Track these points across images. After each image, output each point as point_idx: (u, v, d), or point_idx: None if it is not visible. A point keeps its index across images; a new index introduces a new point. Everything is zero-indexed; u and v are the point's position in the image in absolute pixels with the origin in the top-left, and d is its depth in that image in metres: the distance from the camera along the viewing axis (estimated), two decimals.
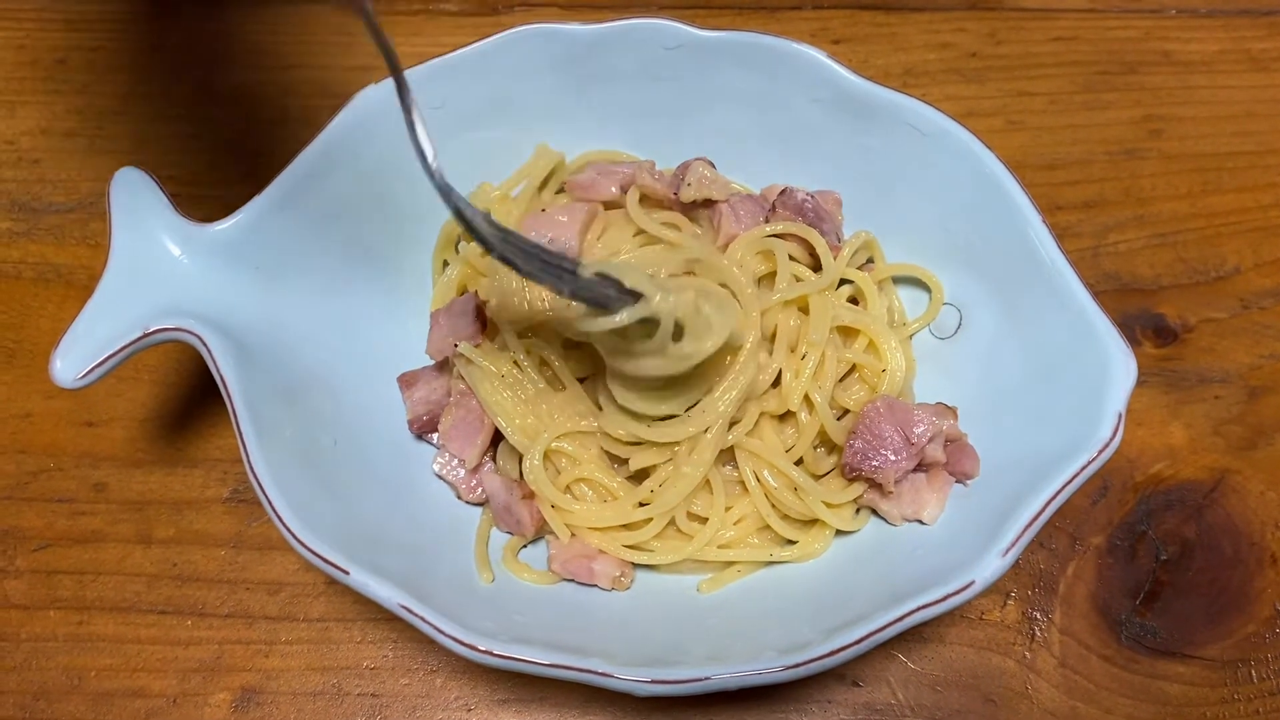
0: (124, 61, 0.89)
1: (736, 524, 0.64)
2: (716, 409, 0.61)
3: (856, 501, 0.64)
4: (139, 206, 0.63)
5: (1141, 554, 0.68)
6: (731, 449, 0.63)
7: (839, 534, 0.64)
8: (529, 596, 0.62)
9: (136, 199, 0.63)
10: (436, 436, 0.68)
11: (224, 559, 0.68)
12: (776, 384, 0.64)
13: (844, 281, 0.69)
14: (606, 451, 0.64)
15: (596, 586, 0.63)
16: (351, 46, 0.90)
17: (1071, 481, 0.55)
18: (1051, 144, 0.86)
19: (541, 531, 0.65)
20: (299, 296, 0.66)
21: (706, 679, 0.52)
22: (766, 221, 0.68)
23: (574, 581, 0.63)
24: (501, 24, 0.72)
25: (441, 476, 0.67)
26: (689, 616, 0.61)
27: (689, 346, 0.57)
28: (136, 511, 0.70)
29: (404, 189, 0.70)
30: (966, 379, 0.66)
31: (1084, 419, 0.57)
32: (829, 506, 0.63)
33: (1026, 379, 0.63)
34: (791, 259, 0.67)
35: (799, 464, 0.64)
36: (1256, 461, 0.72)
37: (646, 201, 0.71)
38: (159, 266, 0.62)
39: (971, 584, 0.52)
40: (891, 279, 0.72)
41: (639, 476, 0.64)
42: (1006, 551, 0.53)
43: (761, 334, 0.64)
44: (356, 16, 0.50)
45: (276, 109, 0.87)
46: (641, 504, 0.63)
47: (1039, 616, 0.66)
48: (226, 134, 0.86)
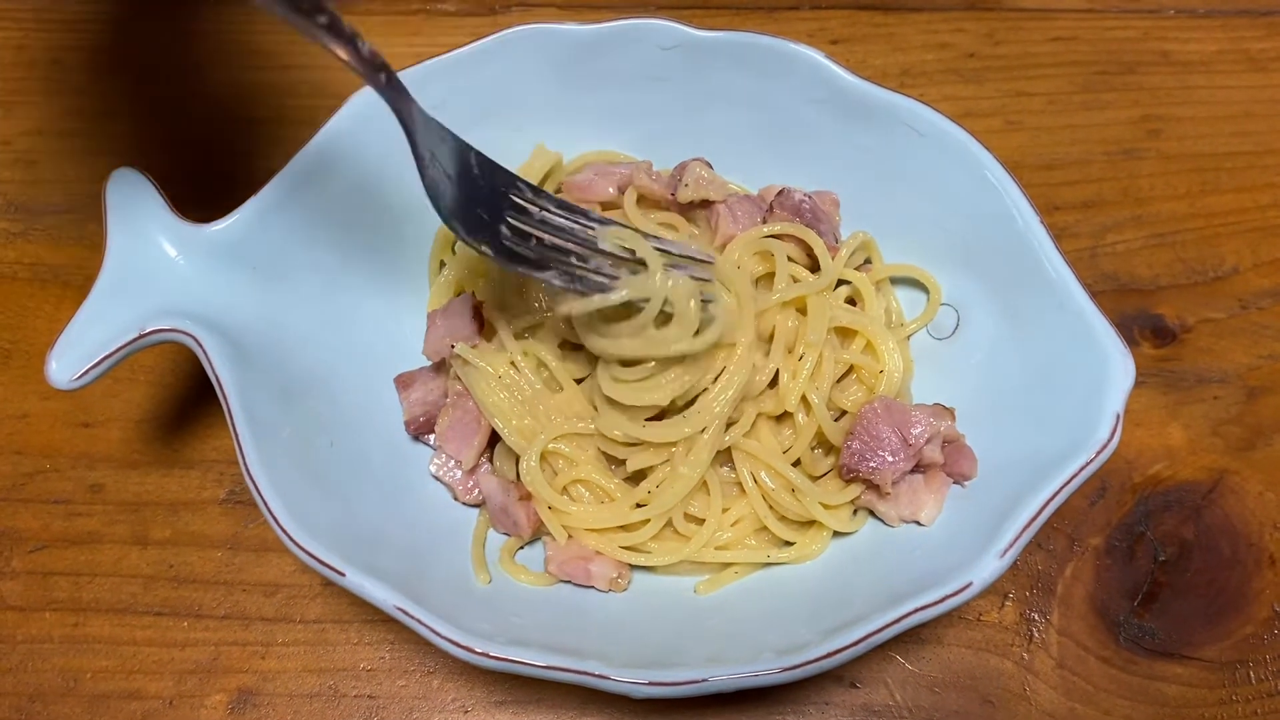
0: (121, 62, 0.89)
1: (734, 525, 0.64)
2: (712, 410, 0.61)
3: (854, 503, 0.64)
4: (135, 207, 0.63)
5: (1140, 555, 0.68)
6: (729, 450, 0.63)
7: (837, 535, 0.64)
8: (526, 598, 0.61)
9: (133, 199, 0.63)
10: (433, 437, 0.67)
11: (220, 560, 0.68)
12: (774, 385, 0.64)
13: (842, 282, 0.69)
14: (604, 453, 0.64)
15: (593, 588, 0.62)
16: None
17: (1069, 483, 0.55)
18: (1050, 144, 0.86)
19: (538, 533, 0.65)
20: (296, 297, 0.66)
21: (704, 681, 0.52)
22: (764, 222, 0.68)
23: (571, 583, 0.63)
24: (499, 24, 0.71)
25: (438, 478, 0.67)
26: (686, 618, 0.61)
27: (673, 333, 0.58)
28: (133, 513, 0.70)
29: (401, 189, 0.70)
30: (964, 380, 0.66)
31: (1082, 420, 0.57)
32: (826, 508, 0.63)
33: (1024, 380, 0.63)
34: (789, 259, 0.67)
35: (796, 465, 0.64)
36: (1255, 462, 0.72)
37: (644, 202, 0.71)
38: (155, 267, 0.62)
39: (969, 585, 0.52)
40: (889, 280, 0.72)
41: (636, 478, 0.64)
42: (1004, 553, 0.53)
43: (758, 334, 0.64)
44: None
45: (274, 109, 0.87)
46: (639, 505, 0.63)
47: (1037, 618, 0.66)
48: (224, 134, 0.86)
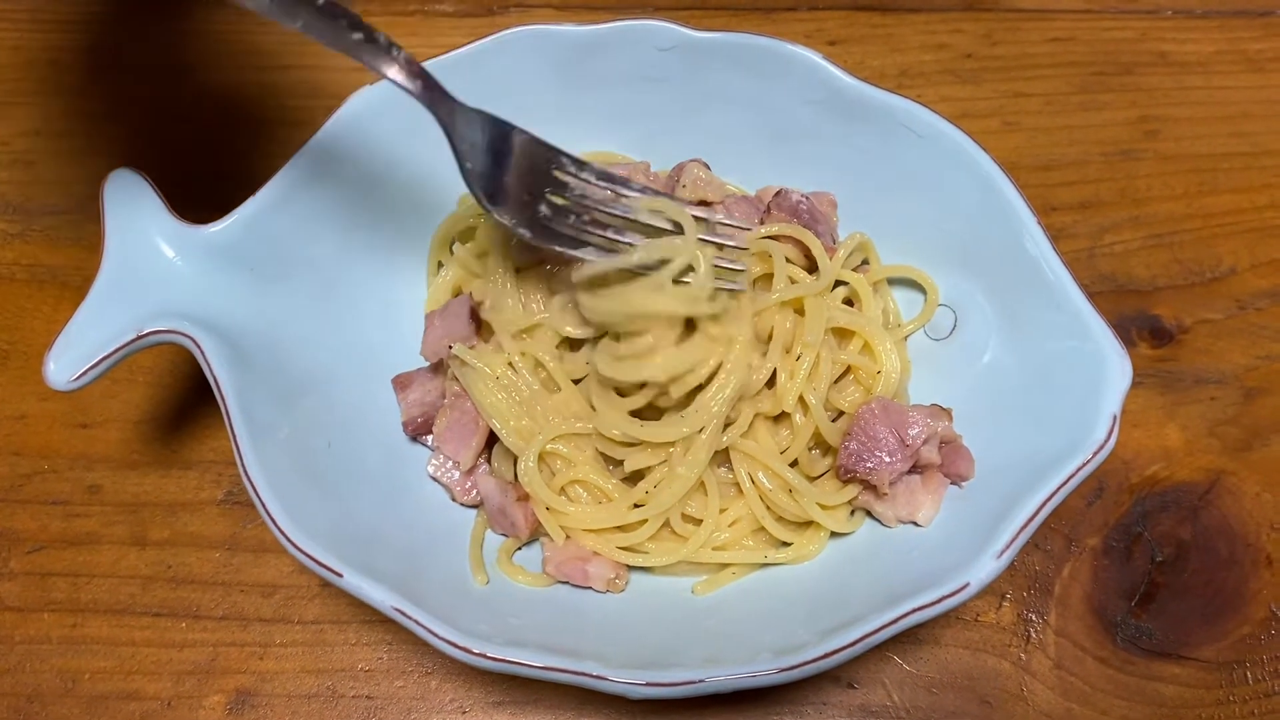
0: (118, 63, 0.89)
1: (731, 526, 0.64)
2: (710, 409, 0.61)
3: (851, 503, 0.64)
4: (133, 208, 0.63)
5: (1137, 555, 0.68)
6: (726, 451, 0.63)
7: (834, 536, 0.64)
8: (523, 599, 0.61)
9: (130, 200, 0.63)
10: (431, 438, 0.67)
11: (219, 561, 0.68)
12: (771, 385, 0.64)
13: (839, 283, 0.69)
14: (602, 453, 0.64)
15: (591, 589, 0.62)
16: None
17: (1066, 483, 0.55)
18: (1047, 145, 0.86)
19: (536, 534, 0.65)
20: (293, 298, 0.66)
21: (701, 681, 0.52)
22: (761, 223, 0.68)
23: (568, 584, 0.63)
24: (497, 25, 0.71)
25: (436, 478, 0.67)
26: (684, 619, 0.61)
27: (687, 290, 0.59)
28: (131, 514, 0.70)
29: (398, 190, 0.71)
30: (961, 381, 0.66)
31: (1079, 421, 0.57)
32: (824, 508, 0.63)
33: (1022, 380, 0.63)
34: (787, 260, 0.67)
35: (794, 466, 0.64)
36: (1252, 463, 0.72)
37: None
38: (153, 268, 0.62)
39: (966, 586, 0.52)
40: (887, 280, 0.72)
41: (634, 478, 0.64)
42: (1001, 553, 0.53)
43: (756, 335, 0.64)
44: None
45: (272, 110, 0.87)
46: (636, 506, 0.63)
47: (1034, 618, 0.66)
48: (221, 135, 0.86)
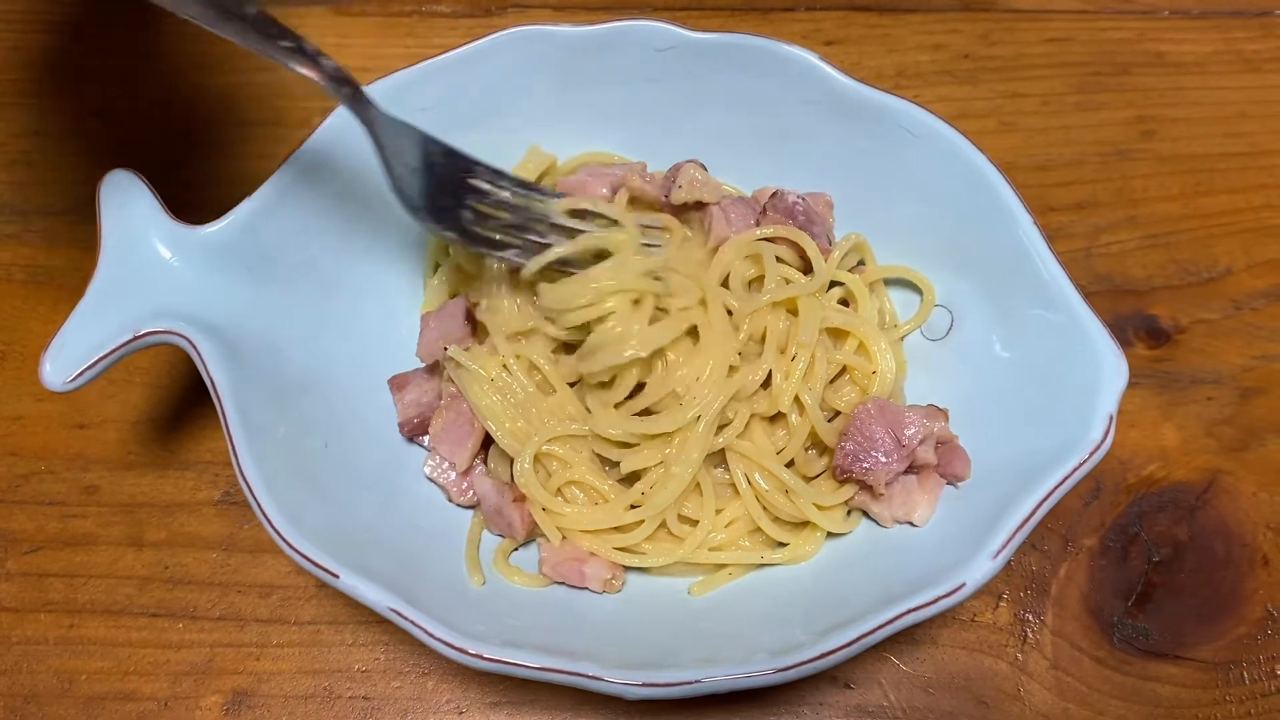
0: (115, 63, 0.88)
1: (727, 526, 0.64)
2: (703, 393, 0.61)
3: (848, 504, 0.64)
4: (129, 209, 0.63)
5: (1134, 555, 0.68)
6: (722, 452, 0.63)
7: (830, 536, 0.64)
8: (520, 599, 0.62)
9: (127, 201, 0.63)
10: (428, 439, 0.67)
11: (215, 562, 0.68)
12: (767, 385, 0.64)
13: (836, 283, 0.69)
14: (598, 454, 0.64)
15: (587, 589, 0.62)
16: (344, 48, 0.90)
17: (1063, 483, 0.55)
18: (1044, 145, 0.86)
19: (533, 534, 0.65)
20: (290, 299, 0.66)
21: (697, 682, 0.52)
22: (758, 224, 0.68)
23: (565, 584, 0.63)
24: (494, 25, 0.71)
25: (432, 479, 0.67)
26: (680, 619, 0.61)
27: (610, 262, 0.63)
28: (128, 514, 0.70)
29: None
30: (958, 381, 0.66)
31: (1075, 421, 0.57)
32: (820, 509, 0.63)
33: (1018, 381, 0.63)
34: (782, 262, 0.67)
35: (790, 466, 0.64)
36: (1248, 463, 0.72)
37: (638, 204, 0.71)
38: (149, 269, 0.62)
39: (962, 586, 0.52)
40: (883, 281, 0.72)
41: (630, 479, 0.64)
42: (997, 554, 0.53)
43: (751, 336, 0.64)
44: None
45: (268, 110, 0.87)
46: (633, 507, 0.63)
47: (1031, 618, 0.66)
48: (218, 136, 0.85)
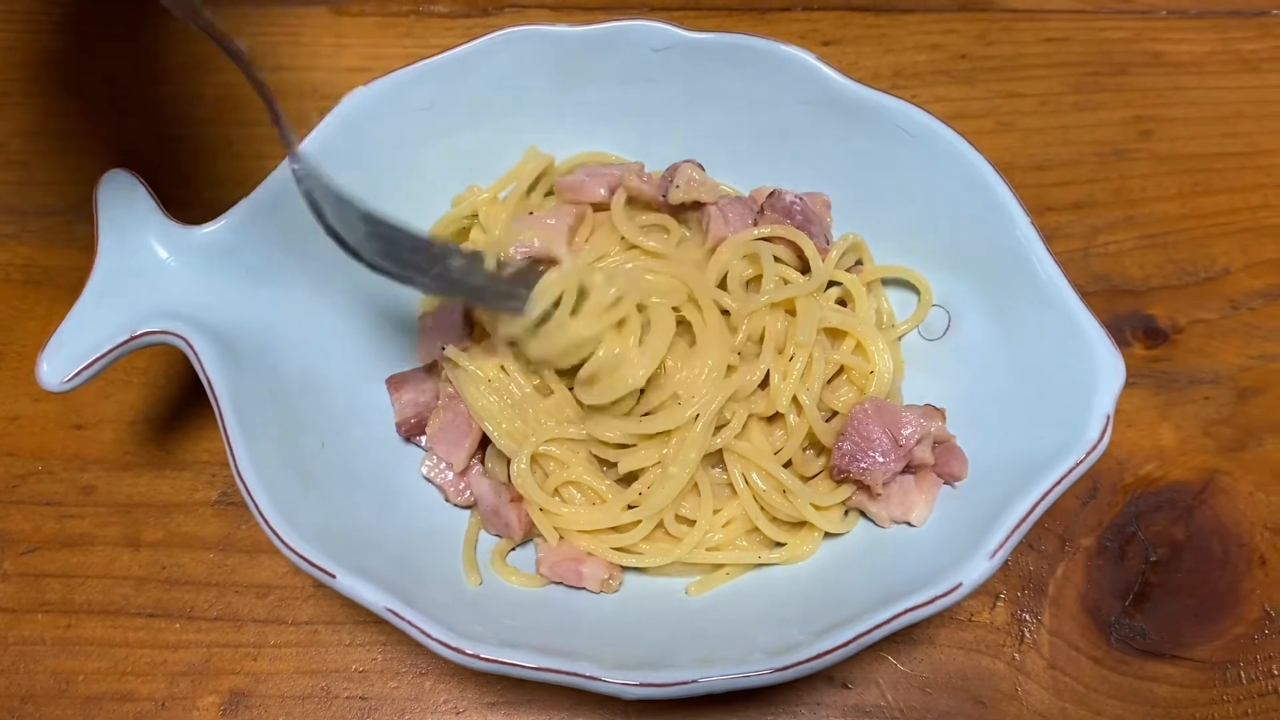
0: (112, 63, 0.88)
1: (725, 526, 0.64)
2: (702, 391, 0.61)
3: (845, 504, 0.64)
4: (126, 209, 0.63)
5: (1131, 555, 0.68)
6: (720, 452, 0.63)
7: (828, 536, 0.64)
8: (517, 600, 0.61)
9: (124, 201, 0.63)
10: (425, 439, 0.67)
11: (212, 562, 0.68)
12: (764, 385, 0.64)
13: (833, 283, 0.69)
14: (595, 455, 0.64)
15: (585, 589, 0.62)
16: (341, 48, 0.90)
17: (1060, 483, 0.55)
18: (1041, 145, 0.86)
19: (530, 534, 0.65)
20: (287, 299, 0.66)
21: (695, 682, 0.52)
22: (755, 224, 0.68)
23: (562, 584, 0.63)
24: (491, 25, 0.71)
25: (430, 479, 0.66)
26: (677, 619, 0.61)
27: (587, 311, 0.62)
28: (125, 514, 0.70)
29: (393, 190, 0.70)
30: (955, 381, 0.66)
31: (1072, 421, 0.57)
32: (817, 509, 0.63)
33: (1015, 381, 0.63)
34: (780, 261, 0.67)
35: (787, 466, 0.64)
36: (1246, 462, 0.72)
37: (635, 204, 0.71)
38: (146, 269, 0.62)
39: (959, 586, 0.52)
40: (880, 281, 0.72)
41: (628, 479, 0.64)
42: (994, 553, 0.53)
43: (749, 336, 0.64)
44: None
45: (266, 110, 0.87)
46: (630, 507, 0.63)
47: (1028, 618, 0.66)
48: (215, 136, 0.85)
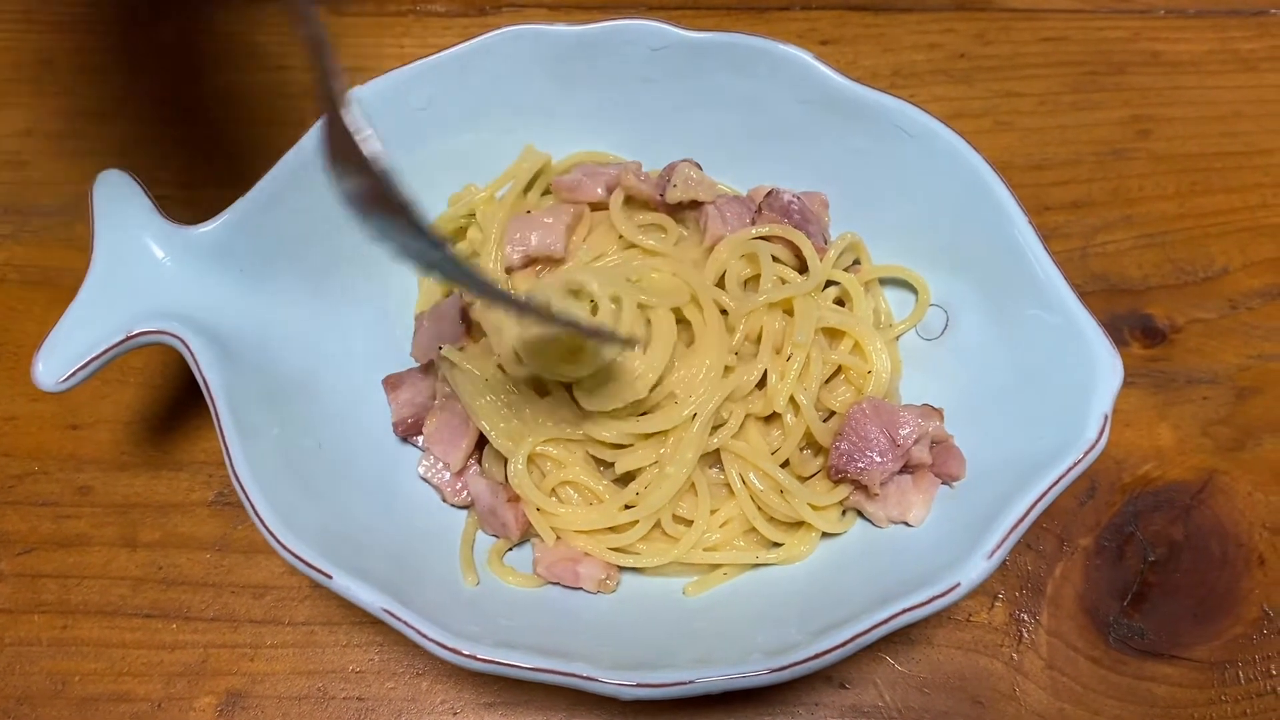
0: (110, 63, 0.88)
1: (722, 526, 0.63)
2: (698, 392, 0.61)
3: (842, 503, 0.64)
4: (122, 209, 0.63)
5: (1129, 555, 0.68)
6: (717, 452, 0.63)
7: (825, 536, 0.64)
8: (514, 600, 0.61)
9: (120, 201, 0.63)
10: (422, 439, 0.67)
11: (209, 562, 0.68)
12: (762, 385, 0.64)
13: (831, 283, 0.69)
14: (592, 454, 0.64)
15: (582, 590, 0.62)
16: (340, 48, 0.90)
17: (1058, 483, 0.55)
18: (1040, 145, 0.86)
19: (527, 534, 0.65)
20: (283, 299, 0.66)
21: (692, 682, 0.51)
22: (753, 223, 0.68)
23: (559, 585, 0.63)
24: (489, 25, 0.71)
25: (426, 479, 0.66)
26: (675, 619, 0.61)
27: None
28: (121, 515, 0.70)
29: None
30: (953, 381, 0.66)
31: (1070, 420, 0.57)
32: (815, 509, 0.63)
33: (1013, 380, 0.63)
34: (778, 261, 0.67)
35: (785, 466, 0.64)
36: (1244, 462, 0.72)
37: (633, 203, 0.71)
38: (142, 269, 0.62)
39: (957, 586, 0.52)
40: (878, 280, 0.71)
41: (625, 479, 0.63)
42: (992, 553, 0.53)
43: (747, 336, 0.64)
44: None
45: (264, 110, 0.87)
46: (627, 507, 0.62)
47: (1026, 618, 0.66)
48: (214, 136, 0.85)
